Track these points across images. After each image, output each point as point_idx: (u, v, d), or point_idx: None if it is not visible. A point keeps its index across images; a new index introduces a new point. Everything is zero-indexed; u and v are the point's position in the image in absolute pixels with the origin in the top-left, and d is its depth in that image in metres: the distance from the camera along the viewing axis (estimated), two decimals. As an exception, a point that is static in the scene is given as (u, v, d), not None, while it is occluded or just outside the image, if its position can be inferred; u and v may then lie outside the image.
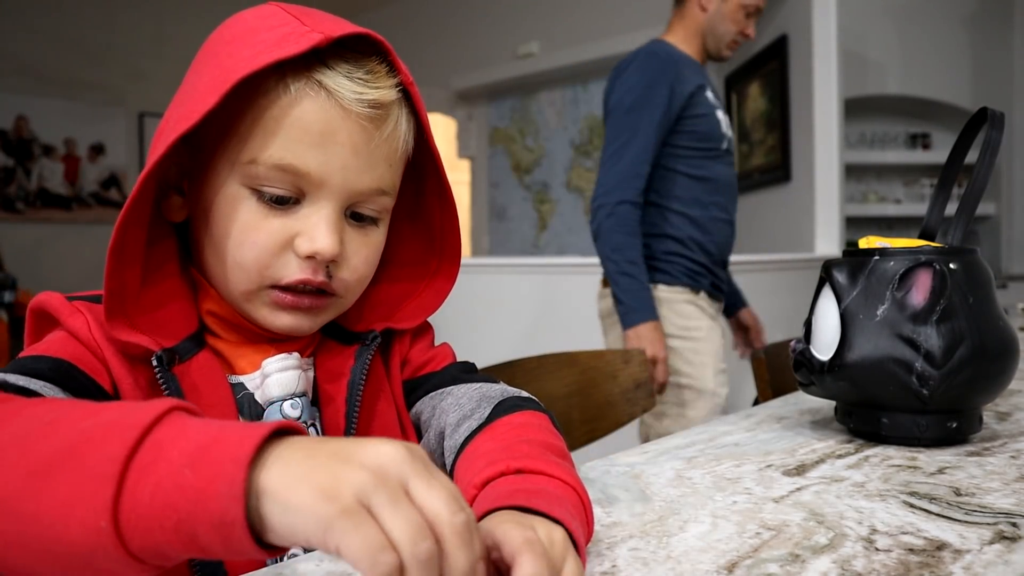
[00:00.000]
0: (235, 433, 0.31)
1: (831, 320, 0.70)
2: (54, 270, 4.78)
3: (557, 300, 2.79)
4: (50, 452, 0.32)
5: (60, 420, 0.34)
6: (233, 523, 0.29)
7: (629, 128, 1.59)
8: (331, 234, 0.50)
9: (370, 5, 5.74)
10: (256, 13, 0.51)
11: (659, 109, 1.57)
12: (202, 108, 0.44)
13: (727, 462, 0.64)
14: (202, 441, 0.30)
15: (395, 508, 0.29)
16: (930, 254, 0.67)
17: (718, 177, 1.66)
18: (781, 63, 3.18)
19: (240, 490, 0.29)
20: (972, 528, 0.47)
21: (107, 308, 0.47)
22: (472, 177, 5.50)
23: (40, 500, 0.31)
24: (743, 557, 0.43)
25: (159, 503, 0.29)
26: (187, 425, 0.32)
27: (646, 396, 1.09)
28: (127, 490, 0.30)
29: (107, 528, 0.29)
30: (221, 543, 0.29)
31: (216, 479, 0.29)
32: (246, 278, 0.51)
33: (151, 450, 0.31)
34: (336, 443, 0.31)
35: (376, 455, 0.30)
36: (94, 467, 0.30)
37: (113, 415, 0.33)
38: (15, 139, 4.80)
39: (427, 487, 0.30)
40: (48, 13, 4.82)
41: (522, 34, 4.86)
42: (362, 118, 0.50)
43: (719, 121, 1.67)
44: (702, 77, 1.68)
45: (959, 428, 0.67)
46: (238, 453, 0.29)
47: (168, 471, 0.30)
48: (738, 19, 1.67)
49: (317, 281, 0.51)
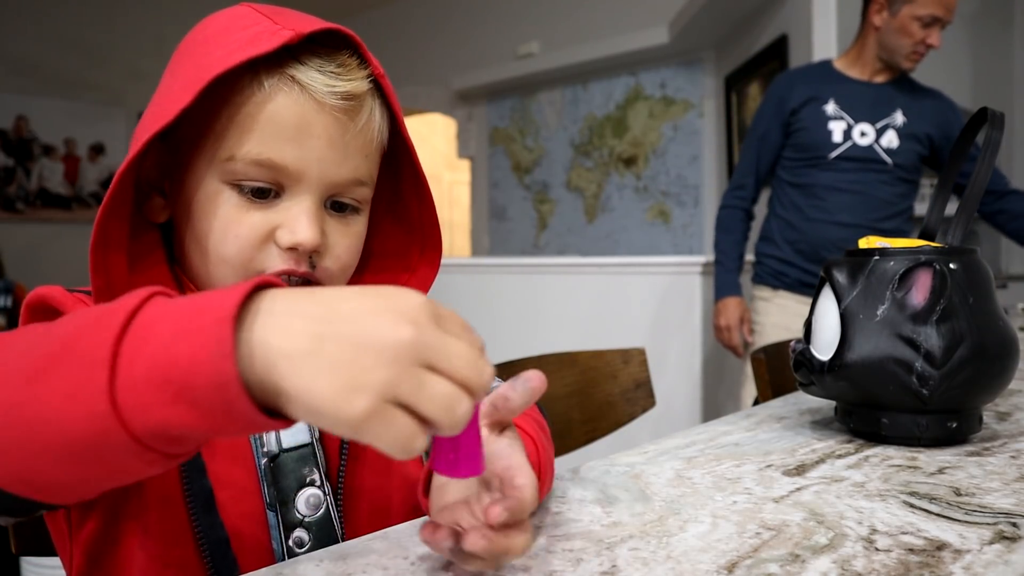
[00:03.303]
0: (216, 297, 0.30)
1: (831, 320, 0.70)
2: (54, 270, 4.77)
3: (557, 300, 2.80)
4: (45, 354, 0.32)
5: (52, 327, 0.33)
6: (228, 383, 0.29)
7: (744, 145, 1.97)
8: (311, 225, 0.50)
9: (370, 5, 5.74)
10: (229, 14, 0.52)
11: (762, 126, 1.91)
12: (177, 106, 0.45)
13: (727, 462, 0.64)
14: (187, 312, 0.30)
15: (421, 391, 0.29)
16: (930, 254, 0.67)
17: (823, 183, 1.83)
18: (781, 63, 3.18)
19: (228, 348, 0.29)
20: (972, 528, 0.47)
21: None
22: (472, 177, 5.50)
23: (41, 401, 0.31)
24: (743, 557, 0.43)
25: (156, 378, 0.29)
26: (171, 303, 0.32)
27: (646, 396, 1.09)
28: (121, 370, 0.30)
29: (107, 411, 0.29)
30: (222, 406, 0.29)
31: (206, 343, 0.29)
32: (231, 272, 0.51)
33: (139, 330, 0.30)
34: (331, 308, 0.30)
35: (389, 341, 0.29)
36: (85, 356, 0.30)
37: (100, 310, 0.32)
38: (15, 139, 4.80)
39: (448, 357, 0.30)
40: (48, 13, 4.82)
41: (522, 34, 4.86)
42: (336, 110, 0.50)
43: (830, 132, 1.82)
44: (823, 90, 1.84)
45: (959, 428, 0.67)
46: (220, 314, 0.29)
47: (159, 346, 0.30)
48: (912, 31, 1.75)
49: (300, 272, 0.52)
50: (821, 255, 1.83)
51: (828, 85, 1.86)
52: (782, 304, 1.90)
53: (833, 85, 1.85)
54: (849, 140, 1.82)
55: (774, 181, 1.95)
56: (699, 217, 4.11)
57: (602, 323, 2.60)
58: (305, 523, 0.53)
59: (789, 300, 1.89)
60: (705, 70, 4.06)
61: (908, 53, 1.77)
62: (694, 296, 2.40)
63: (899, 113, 1.83)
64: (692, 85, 4.11)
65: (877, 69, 1.84)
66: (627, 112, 4.45)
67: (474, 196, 5.47)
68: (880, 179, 1.82)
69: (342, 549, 0.45)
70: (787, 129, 1.89)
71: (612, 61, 4.32)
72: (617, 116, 4.51)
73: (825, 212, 1.83)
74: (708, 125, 4.06)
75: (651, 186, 4.31)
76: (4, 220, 4.72)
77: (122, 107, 5.14)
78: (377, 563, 0.43)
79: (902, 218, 1.87)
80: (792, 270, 1.88)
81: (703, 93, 4.07)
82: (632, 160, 4.39)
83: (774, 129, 1.90)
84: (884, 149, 1.82)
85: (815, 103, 1.84)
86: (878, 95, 1.84)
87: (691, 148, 4.12)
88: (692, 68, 4.10)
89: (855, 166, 1.82)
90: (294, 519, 0.53)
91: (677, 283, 2.44)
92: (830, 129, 1.83)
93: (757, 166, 1.93)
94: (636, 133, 4.37)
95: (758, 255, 1.99)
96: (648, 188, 4.32)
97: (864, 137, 1.82)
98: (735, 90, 3.67)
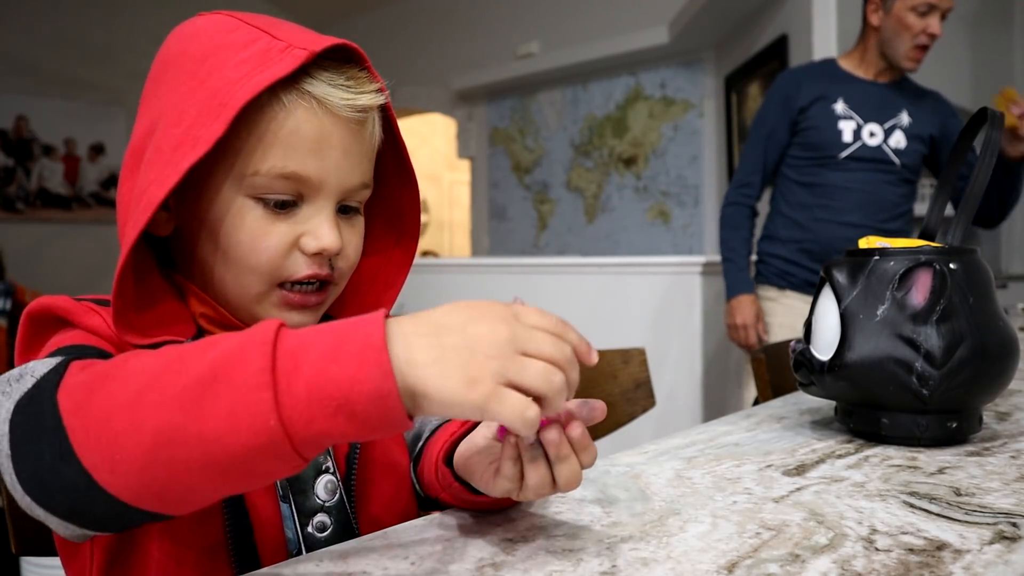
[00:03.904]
0: (356, 328, 0.37)
1: (831, 320, 0.70)
2: (54, 270, 4.78)
3: (557, 300, 2.79)
4: (191, 383, 0.36)
5: (184, 358, 0.38)
6: (389, 394, 0.35)
7: (749, 142, 1.94)
8: (333, 230, 0.54)
9: (370, 5, 5.74)
10: (215, 27, 0.52)
11: (768, 123, 1.88)
12: (208, 135, 0.47)
13: (727, 462, 0.64)
14: (331, 341, 0.37)
15: (524, 372, 0.37)
16: (930, 254, 0.67)
17: (832, 183, 1.81)
18: (781, 63, 3.18)
19: (388, 369, 0.36)
20: (972, 528, 0.47)
21: (116, 323, 0.49)
22: (472, 177, 5.50)
23: (202, 422, 0.36)
24: (743, 557, 0.43)
25: (316, 396, 0.35)
26: (302, 334, 0.38)
27: (646, 396, 1.09)
28: (282, 392, 0.35)
29: (275, 425, 0.35)
30: (379, 415, 0.36)
31: (365, 364, 0.36)
32: (258, 280, 0.54)
33: (286, 358, 0.36)
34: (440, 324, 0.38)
35: (491, 340, 0.37)
36: (243, 383, 0.35)
37: (231, 344, 0.37)
38: (15, 139, 4.81)
39: (538, 343, 0.38)
40: (48, 13, 4.82)
41: (522, 34, 4.86)
42: (351, 122, 0.54)
43: (840, 131, 1.80)
44: (831, 89, 1.82)
45: (959, 428, 0.67)
46: (373, 342, 0.36)
47: (314, 370, 0.36)
48: (909, 23, 1.73)
49: (323, 274, 0.55)
50: (828, 255, 1.81)
51: (836, 84, 1.84)
52: (789, 304, 1.88)
53: (841, 84, 1.84)
54: (859, 140, 1.81)
55: (778, 179, 1.93)
56: (699, 217, 4.11)
57: (602, 323, 2.59)
58: (326, 507, 0.56)
59: (796, 300, 1.87)
60: (705, 70, 4.06)
61: (909, 49, 1.75)
62: (694, 296, 2.40)
63: (904, 114, 1.83)
64: (692, 85, 4.11)
65: (881, 69, 1.83)
66: (627, 112, 4.45)
67: (474, 196, 5.47)
68: (887, 180, 1.82)
69: (342, 549, 0.46)
70: (795, 127, 1.86)
71: (612, 61, 4.32)
72: (617, 116, 4.51)
73: (833, 212, 1.82)
74: (708, 125, 4.06)
75: (651, 186, 4.31)
76: (4, 220, 4.72)
77: (122, 107, 5.14)
78: (377, 563, 0.43)
79: (904, 219, 1.87)
80: (798, 270, 1.87)
81: (703, 93, 4.07)
82: (632, 160, 4.40)
83: (781, 127, 1.87)
84: (892, 149, 1.82)
85: (824, 102, 1.82)
86: (885, 95, 1.84)
87: (691, 148, 4.12)
88: (692, 68, 4.10)
89: (864, 166, 1.81)
90: (314, 505, 0.55)
91: (677, 283, 2.44)
92: (840, 129, 1.81)
93: (764, 163, 1.90)
94: (636, 133, 4.37)
95: (761, 254, 1.97)
96: (648, 188, 4.32)
97: (873, 137, 1.81)
98: (735, 90, 3.67)
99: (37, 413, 0.39)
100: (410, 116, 6.01)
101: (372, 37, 5.78)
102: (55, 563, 1.61)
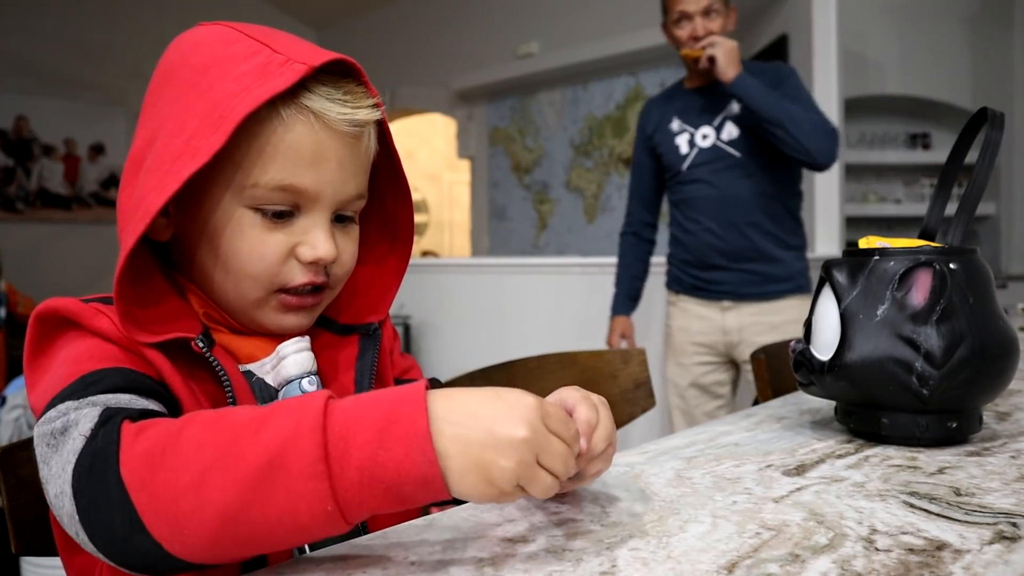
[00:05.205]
0: (401, 410, 0.41)
1: (831, 320, 0.70)
2: (54, 270, 4.78)
3: (557, 300, 2.79)
4: (250, 471, 0.39)
5: (239, 438, 0.41)
6: (434, 479, 0.40)
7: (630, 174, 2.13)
8: (328, 240, 0.56)
9: (370, 5, 5.74)
10: (216, 39, 0.53)
11: (635, 154, 2.06)
12: (208, 147, 0.48)
13: (727, 462, 0.64)
14: (377, 425, 0.40)
15: (533, 482, 0.42)
16: (930, 254, 0.67)
17: (690, 196, 1.90)
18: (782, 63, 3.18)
19: (432, 456, 0.40)
20: (972, 528, 0.47)
21: (124, 323, 0.49)
22: (472, 177, 5.50)
23: (265, 507, 0.39)
24: (743, 557, 0.43)
25: (367, 480, 0.39)
26: (348, 410, 0.41)
27: (646, 396, 1.09)
28: (336, 479, 0.39)
29: (333, 511, 0.39)
30: (425, 494, 0.41)
31: (411, 451, 0.40)
32: (257, 287, 0.55)
33: (337, 444, 0.40)
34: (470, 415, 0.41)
35: (516, 448, 0.41)
36: (299, 473, 0.39)
37: (283, 427, 0.40)
38: (15, 139, 4.81)
39: (550, 456, 0.42)
40: (48, 13, 4.83)
41: (522, 34, 4.86)
42: (347, 136, 0.55)
43: (677, 146, 1.91)
44: (668, 109, 1.94)
45: (959, 428, 0.67)
46: (417, 428, 0.40)
47: (363, 455, 0.39)
48: (676, 35, 1.84)
49: (319, 281, 0.57)
50: (705, 261, 1.91)
51: (672, 104, 1.95)
52: (684, 307, 2.00)
53: (676, 102, 1.94)
54: (694, 147, 1.87)
55: (669, 203, 2.04)
56: (699, 217, 4.10)
57: (602, 323, 2.59)
58: None
59: (689, 304, 1.99)
60: (705, 70, 4.05)
61: (683, 57, 1.81)
62: (694, 296, 2.39)
63: (734, 103, 1.82)
64: (692, 85, 4.11)
65: (699, 75, 1.87)
66: (627, 112, 4.45)
67: (474, 196, 5.47)
68: (733, 176, 1.83)
69: (343, 549, 0.46)
70: (653, 154, 1.99)
71: (612, 61, 4.32)
72: (617, 116, 4.51)
73: (696, 222, 1.90)
74: (708, 125, 4.05)
75: (651, 186, 4.30)
76: (4, 220, 4.72)
77: (122, 107, 5.14)
78: (377, 563, 0.43)
79: (778, 213, 1.84)
80: (686, 276, 1.98)
81: (703, 93, 4.06)
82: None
83: (643, 155, 2.02)
84: (727, 142, 1.83)
85: (663, 124, 1.94)
86: (711, 95, 1.87)
87: (691, 148, 4.12)
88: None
89: (707, 170, 1.86)
90: None
91: (677, 283, 2.43)
92: (677, 144, 1.91)
93: (639, 191, 2.07)
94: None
95: (667, 262, 2.09)
96: (648, 188, 4.32)
97: (706, 139, 1.86)
98: (735, 90, 3.67)
99: (101, 484, 0.41)
100: (410, 116, 6.01)
101: (372, 37, 5.78)
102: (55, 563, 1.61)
